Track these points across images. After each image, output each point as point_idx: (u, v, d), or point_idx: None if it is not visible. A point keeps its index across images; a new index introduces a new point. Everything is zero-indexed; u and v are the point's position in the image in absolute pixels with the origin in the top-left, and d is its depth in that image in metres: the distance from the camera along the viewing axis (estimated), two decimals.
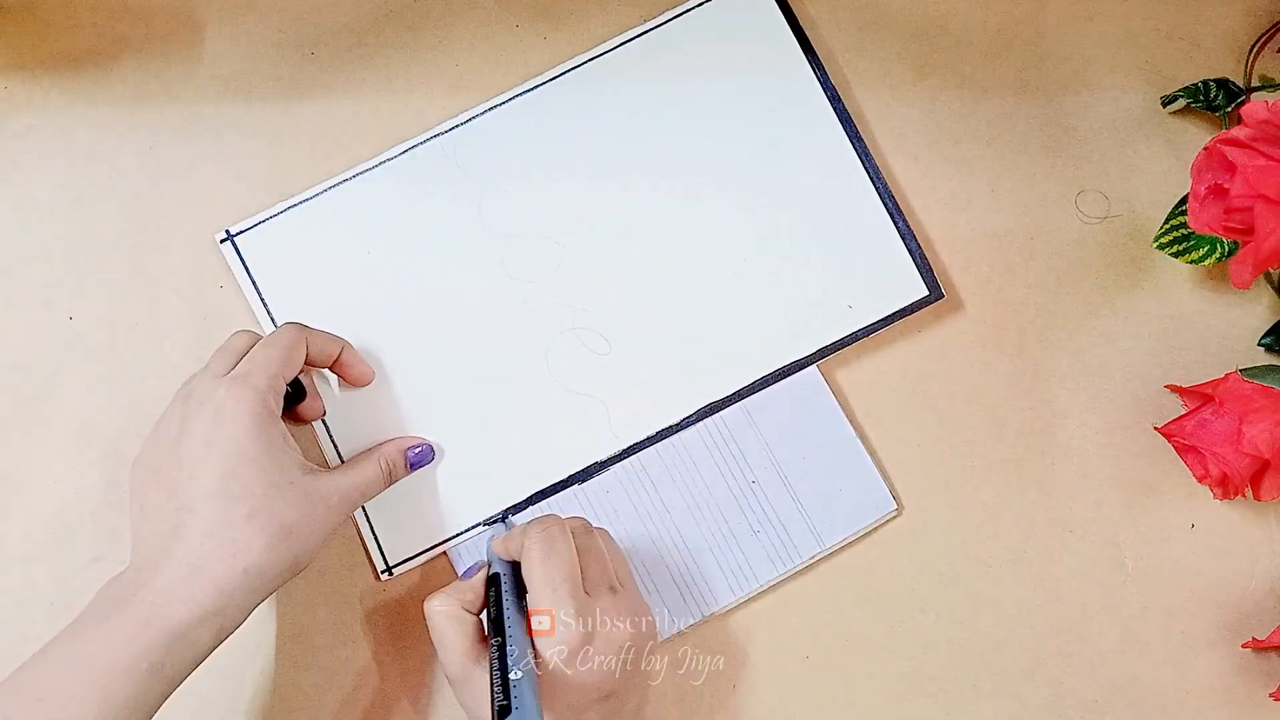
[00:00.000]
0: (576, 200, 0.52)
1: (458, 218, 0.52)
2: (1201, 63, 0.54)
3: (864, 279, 0.51)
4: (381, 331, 0.51)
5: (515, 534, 0.44)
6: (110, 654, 0.37)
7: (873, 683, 0.49)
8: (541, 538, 0.43)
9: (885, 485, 0.50)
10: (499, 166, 0.53)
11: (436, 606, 0.43)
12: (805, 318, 0.51)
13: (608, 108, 0.53)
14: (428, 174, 0.53)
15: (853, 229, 0.52)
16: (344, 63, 0.54)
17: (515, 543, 0.44)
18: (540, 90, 0.53)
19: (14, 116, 0.54)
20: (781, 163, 0.52)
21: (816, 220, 0.52)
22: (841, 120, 0.52)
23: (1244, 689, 0.49)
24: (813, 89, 0.53)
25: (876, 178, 0.52)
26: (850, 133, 0.52)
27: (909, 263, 0.51)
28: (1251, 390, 0.46)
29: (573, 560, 0.42)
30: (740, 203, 0.52)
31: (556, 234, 0.52)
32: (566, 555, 0.42)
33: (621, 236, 0.52)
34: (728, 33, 0.53)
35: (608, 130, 0.53)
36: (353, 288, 0.52)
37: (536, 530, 0.43)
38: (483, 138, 0.53)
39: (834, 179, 0.52)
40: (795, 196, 0.52)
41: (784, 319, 0.51)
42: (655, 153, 0.53)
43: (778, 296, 0.51)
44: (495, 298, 0.52)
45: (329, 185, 0.53)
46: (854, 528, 0.50)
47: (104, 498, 0.50)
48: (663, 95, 0.53)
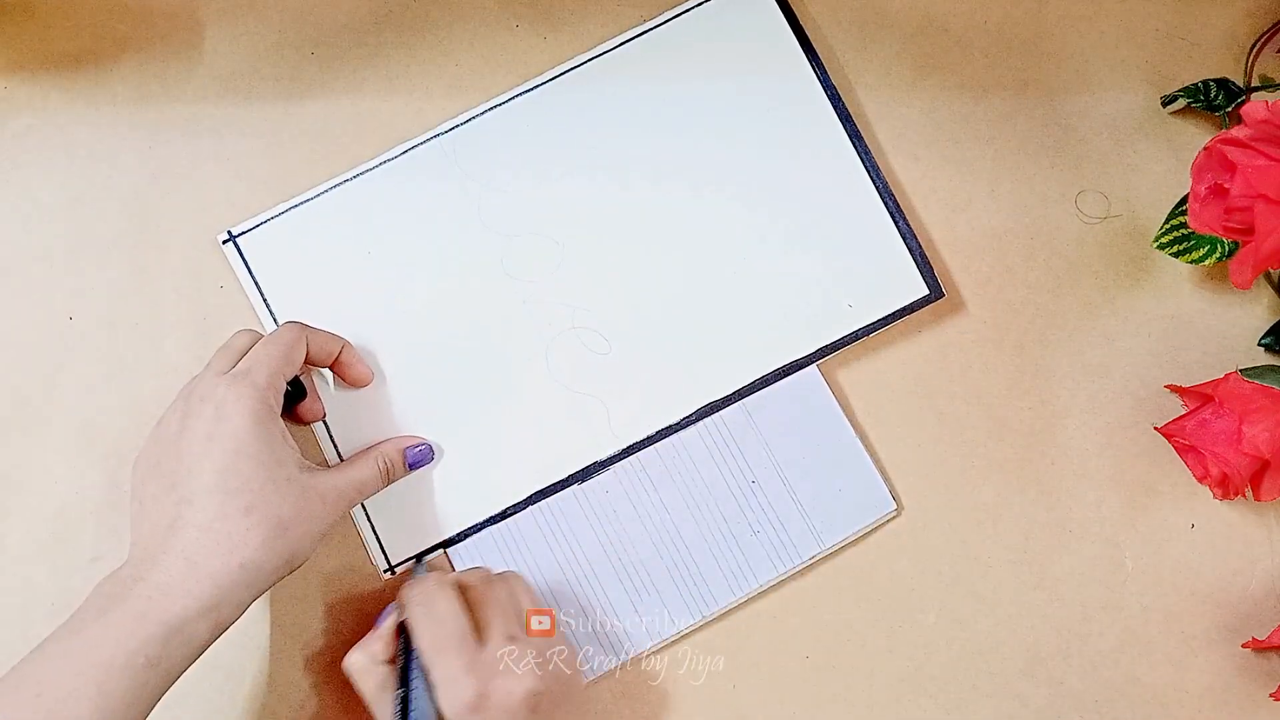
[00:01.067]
0: (576, 200, 0.52)
1: (458, 217, 0.52)
2: (1201, 63, 0.54)
3: (864, 278, 0.51)
4: (382, 331, 0.51)
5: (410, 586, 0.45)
6: (107, 648, 0.37)
7: (873, 683, 0.49)
8: (419, 599, 0.43)
9: (885, 485, 0.50)
10: (499, 166, 0.53)
11: (352, 660, 0.44)
12: (805, 317, 0.51)
13: (608, 108, 0.53)
14: (428, 174, 0.53)
15: (853, 228, 0.52)
16: (344, 63, 0.54)
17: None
18: (540, 90, 0.53)
19: (14, 116, 0.54)
20: (782, 162, 0.52)
21: (817, 220, 0.52)
22: (842, 120, 0.52)
23: (1244, 689, 0.49)
24: (813, 88, 0.53)
25: (876, 177, 0.52)
26: (850, 132, 0.52)
27: (909, 262, 0.51)
28: (1251, 390, 0.46)
29: (454, 615, 0.42)
30: (740, 202, 0.52)
31: (556, 234, 0.52)
32: (445, 612, 0.43)
33: (621, 236, 0.52)
34: (728, 32, 0.53)
35: (607, 130, 0.53)
36: (353, 288, 0.52)
37: (414, 592, 0.44)
38: (483, 138, 0.53)
39: (834, 178, 0.52)
40: (795, 196, 0.52)
41: (784, 319, 0.51)
42: (655, 152, 0.53)
43: (778, 296, 0.51)
44: (495, 297, 0.52)
45: (329, 185, 0.53)
46: (853, 528, 0.50)
47: (104, 497, 0.50)
48: (662, 95, 0.53)
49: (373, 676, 0.43)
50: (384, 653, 0.44)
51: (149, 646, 0.38)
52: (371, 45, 0.55)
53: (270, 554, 0.41)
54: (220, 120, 0.54)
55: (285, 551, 0.41)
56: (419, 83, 0.54)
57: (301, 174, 0.53)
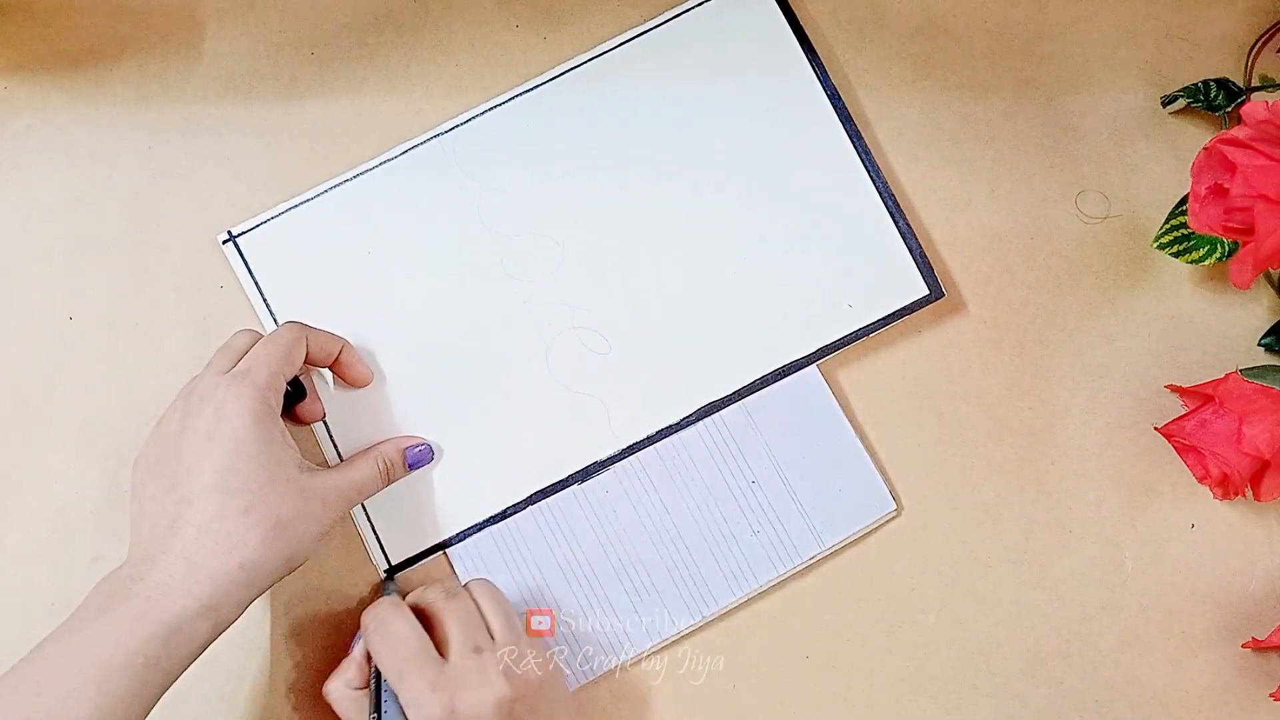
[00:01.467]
0: (576, 200, 0.52)
1: (458, 217, 0.52)
2: (1201, 63, 0.54)
3: (864, 278, 0.51)
4: (382, 331, 0.51)
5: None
6: (107, 648, 0.37)
7: (873, 683, 0.49)
8: (374, 625, 0.43)
9: (885, 485, 0.50)
10: (499, 166, 0.53)
11: (330, 688, 0.44)
12: (805, 317, 0.51)
13: (608, 108, 0.53)
14: (428, 174, 0.53)
15: (853, 228, 0.52)
16: (344, 63, 0.54)
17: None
18: (540, 90, 0.53)
19: (14, 116, 0.54)
20: (782, 162, 0.52)
21: (816, 220, 0.52)
22: (842, 120, 0.52)
23: (1244, 689, 0.49)
24: (813, 88, 0.53)
25: (877, 177, 0.52)
26: (851, 132, 0.52)
27: (909, 262, 0.51)
28: (1251, 390, 0.46)
29: (410, 635, 0.42)
30: (740, 202, 0.52)
31: (556, 234, 0.52)
32: (402, 633, 0.43)
33: (621, 236, 0.52)
34: (728, 32, 0.53)
35: (607, 130, 0.53)
36: (353, 288, 0.52)
37: (370, 618, 0.44)
38: (482, 138, 0.53)
39: (834, 178, 0.52)
40: (795, 196, 0.52)
41: (784, 318, 0.51)
42: (655, 152, 0.53)
43: (778, 296, 0.51)
44: (495, 297, 0.52)
45: (329, 185, 0.53)
46: (853, 528, 0.50)
47: (104, 497, 0.50)
48: (662, 95, 0.53)
49: (350, 703, 0.44)
50: (358, 679, 0.44)
51: (149, 646, 0.38)
52: (371, 45, 0.55)
53: (269, 554, 0.41)
54: (220, 120, 0.54)
55: (285, 551, 0.41)
56: (419, 83, 0.54)
57: (301, 174, 0.53)
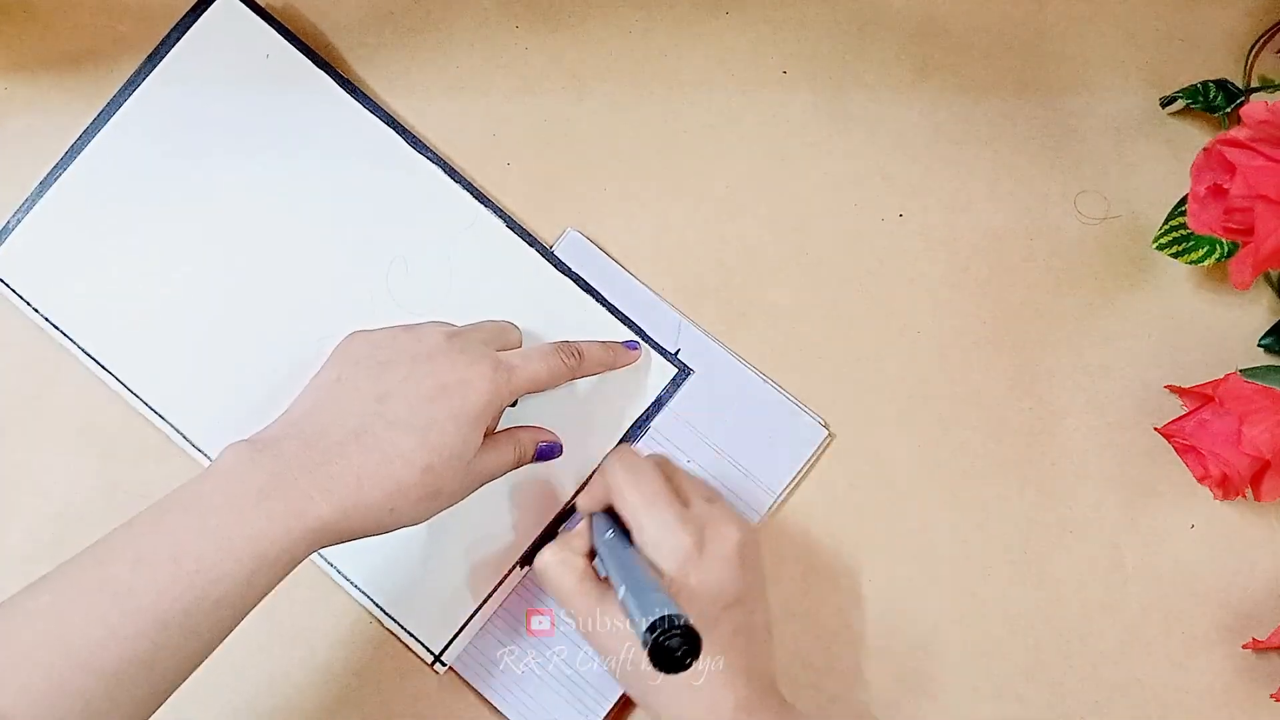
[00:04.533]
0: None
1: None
2: (1201, 63, 0.54)
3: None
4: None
5: (595, 481, 0.46)
6: (264, 542, 0.37)
7: (872, 684, 0.49)
8: (621, 465, 0.44)
9: (808, 413, 0.50)
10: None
11: (546, 557, 0.44)
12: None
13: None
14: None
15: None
16: (344, 63, 0.54)
17: (598, 486, 0.45)
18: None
19: (14, 116, 0.54)
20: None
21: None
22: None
23: (1244, 689, 0.49)
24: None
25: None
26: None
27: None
28: (1251, 390, 0.46)
29: (659, 476, 0.43)
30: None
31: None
32: (651, 473, 0.43)
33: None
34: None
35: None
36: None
37: (613, 461, 0.45)
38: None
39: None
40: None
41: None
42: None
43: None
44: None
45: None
46: (796, 465, 0.50)
47: (105, 497, 0.50)
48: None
49: (571, 569, 0.43)
50: (583, 546, 0.44)
51: (295, 548, 0.38)
52: (371, 45, 0.55)
53: (410, 513, 0.40)
54: None
55: (418, 515, 0.41)
56: (419, 83, 0.54)
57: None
